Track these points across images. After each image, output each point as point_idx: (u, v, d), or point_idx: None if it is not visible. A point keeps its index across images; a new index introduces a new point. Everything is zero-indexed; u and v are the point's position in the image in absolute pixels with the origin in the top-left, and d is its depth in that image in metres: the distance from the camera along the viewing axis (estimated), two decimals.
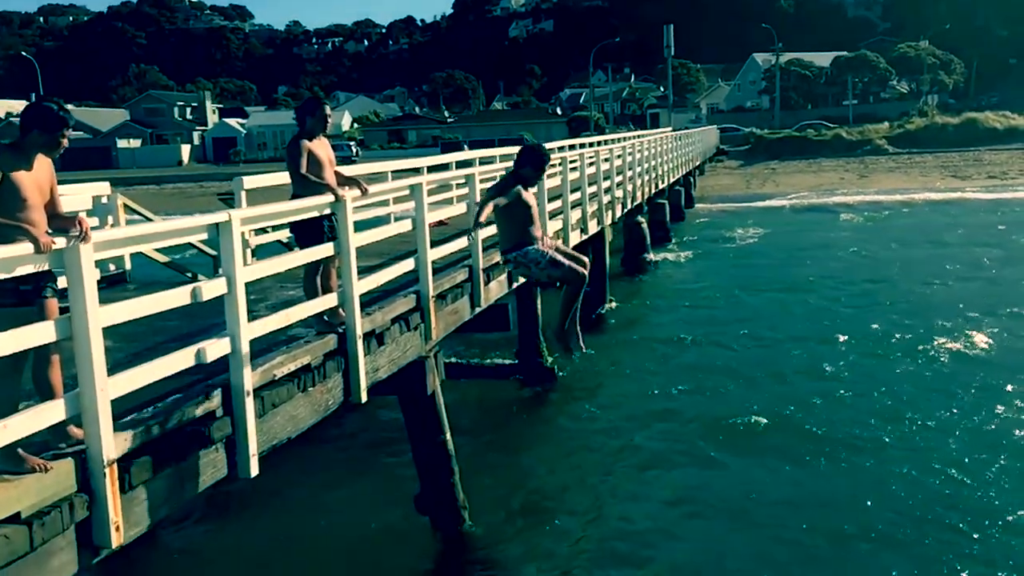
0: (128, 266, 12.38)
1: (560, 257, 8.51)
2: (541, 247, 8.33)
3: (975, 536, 10.33)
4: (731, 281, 27.80)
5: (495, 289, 13.61)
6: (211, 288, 6.44)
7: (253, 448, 6.85)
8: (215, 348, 6.46)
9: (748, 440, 13.86)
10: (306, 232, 8.86)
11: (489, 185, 9.81)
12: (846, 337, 19.63)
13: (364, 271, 9.30)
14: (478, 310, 12.65)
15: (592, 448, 13.99)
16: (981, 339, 18.70)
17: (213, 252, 13.24)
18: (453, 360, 16.33)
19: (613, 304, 23.33)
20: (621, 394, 16.66)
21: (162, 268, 13.18)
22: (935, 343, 18.60)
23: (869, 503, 11.29)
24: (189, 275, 12.74)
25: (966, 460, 12.40)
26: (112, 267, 12.12)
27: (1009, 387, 15.41)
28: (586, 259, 8.66)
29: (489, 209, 8.48)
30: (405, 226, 11.45)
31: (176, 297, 6.17)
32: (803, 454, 13.11)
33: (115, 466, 5.35)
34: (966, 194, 49.21)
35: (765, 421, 14.39)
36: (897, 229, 37.92)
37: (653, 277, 29.22)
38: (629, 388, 17.10)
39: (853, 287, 25.93)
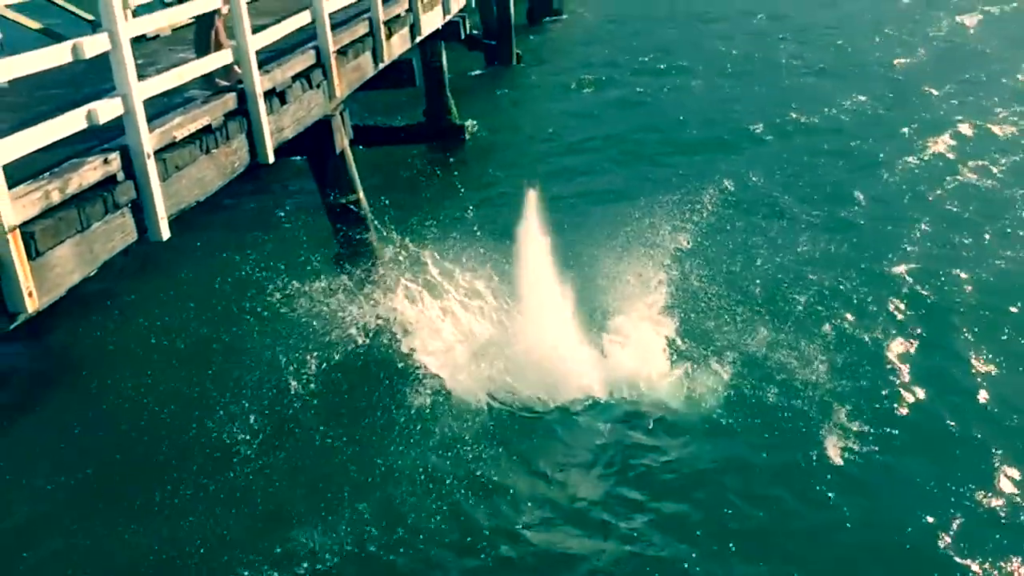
0: None
1: None
2: None
3: None
4: (634, 24, 28.22)
5: (398, 43, 13.13)
6: (93, 44, 6.02)
7: (162, 212, 6.74)
8: (107, 109, 6.16)
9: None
10: None
11: None
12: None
13: (258, 29, 8.82)
14: (382, 65, 12.25)
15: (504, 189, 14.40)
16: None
17: (89, 16, 12.33)
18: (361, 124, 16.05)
19: (519, 54, 22.89)
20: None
21: (36, 37, 12.24)
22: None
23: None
24: None
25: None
26: None
27: None
28: None
29: None
30: None
31: (57, 55, 5.76)
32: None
33: (18, 232, 5.21)
34: None
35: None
36: None
37: (561, 26, 28.63)
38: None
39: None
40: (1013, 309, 10.73)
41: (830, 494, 7.85)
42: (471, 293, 10.45)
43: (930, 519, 7.52)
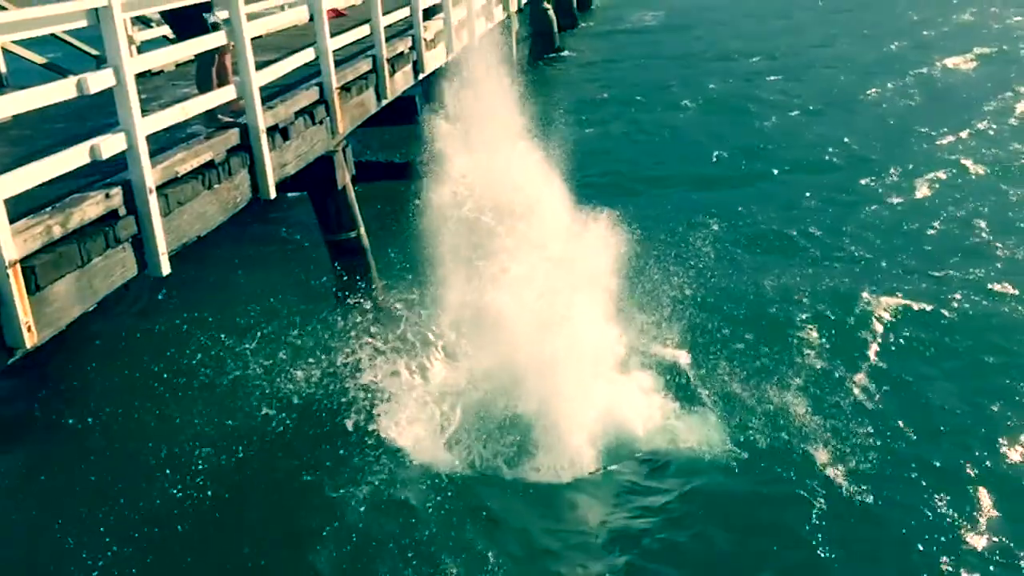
0: (3, 68, 11.50)
1: None
2: None
3: None
4: (634, 63, 28.65)
5: (401, 80, 13.20)
6: (98, 80, 6.03)
7: (162, 247, 6.71)
8: (110, 144, 6.16)
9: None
10: (183, 22, 8.31)
11: None
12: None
13: (262, 66, 8.85)
14: (384, 102, 12.30)
15: None
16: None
17: (95, 51, 12.41)
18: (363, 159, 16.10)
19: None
20: None
21: (41, 73, 12.31)
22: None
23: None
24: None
25: None
26: None
27: None
28: None
29: None
30: (301, 14, 10.85)
31: (61, 90, 5.77)
32: None
33: (18, 266, 5.18)
34: None
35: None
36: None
37: (562, 64, 28.93)
38: None
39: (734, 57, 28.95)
40: (1007, 348, 10.76)
41: (827, 530, 7.82)
42: (455, 344, 10.37)
43: (927, 557, 7.50)
